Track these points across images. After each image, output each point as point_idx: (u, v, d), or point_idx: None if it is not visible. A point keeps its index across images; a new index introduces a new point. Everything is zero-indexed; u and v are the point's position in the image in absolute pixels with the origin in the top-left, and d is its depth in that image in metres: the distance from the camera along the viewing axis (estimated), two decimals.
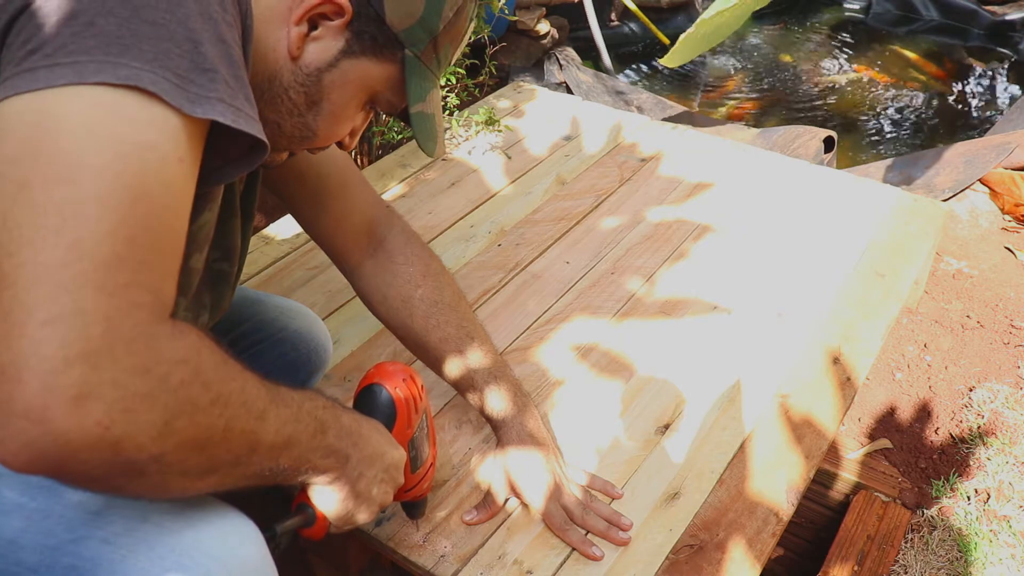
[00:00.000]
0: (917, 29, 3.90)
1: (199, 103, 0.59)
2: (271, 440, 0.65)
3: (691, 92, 3.42)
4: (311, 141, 0.83)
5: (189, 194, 0.60)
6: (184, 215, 0.60)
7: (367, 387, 0.90)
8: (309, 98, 0.78)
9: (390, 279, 1.10)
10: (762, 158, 1.96)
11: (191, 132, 0.59)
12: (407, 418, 0.90)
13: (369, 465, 0.79)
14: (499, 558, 1.06)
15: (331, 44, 0.77)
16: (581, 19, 3.25)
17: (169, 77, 0.57)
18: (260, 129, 0.64)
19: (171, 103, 0.57)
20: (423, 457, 0.96)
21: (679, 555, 1.08)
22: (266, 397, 0.65)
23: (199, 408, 0.57)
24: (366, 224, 1.10)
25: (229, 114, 0.60)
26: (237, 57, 0.64)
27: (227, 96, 0.61)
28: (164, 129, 0.57)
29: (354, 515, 0.81)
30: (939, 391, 1.74)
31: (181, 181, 0.59)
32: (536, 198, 1.82)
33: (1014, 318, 1.91)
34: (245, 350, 1.12)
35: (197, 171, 0.62)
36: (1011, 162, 2.31)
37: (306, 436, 0.70)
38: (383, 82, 0.81)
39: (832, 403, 1.32)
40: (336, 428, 0.74)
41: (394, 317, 1.11)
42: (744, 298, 1.52)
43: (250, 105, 0.64)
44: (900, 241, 1.68)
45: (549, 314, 1.49)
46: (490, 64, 2.12)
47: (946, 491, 1.52)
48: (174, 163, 0.57)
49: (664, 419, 1.28)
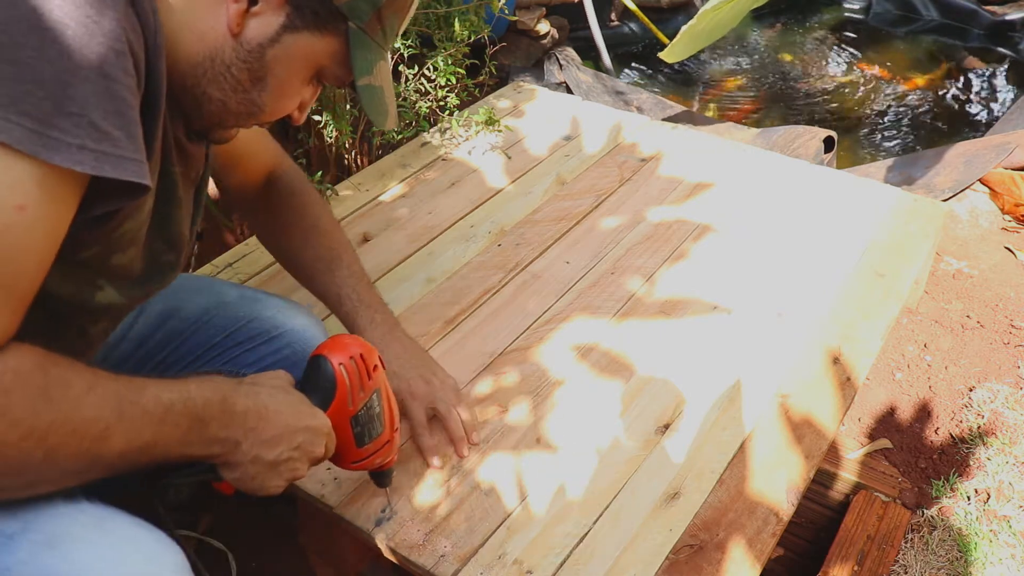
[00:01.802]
0: (917, 29, 3.90)
1: (58, 149, 0.60)
2: (120, 449, 0.67)
3: (691, 92, 3.42)
4: (258, 117, 0.83)
5: (38, 236, 0.62)
6: (29, 255, 0.62)
7: (314, 358, 0.91)
8: (253, 74, 0.79)
9: (278, 211, 1.17)
10: (762, 158, 1.96)
11: (48, 176, 0.60)
12: (348, 395, 0.90)
13: (270, 446, 0.81)
14: (499, 558, 1.06)
15: (272, 19, 0.77)
16: (581, 19, 3.25)
17: (25, 123, 0.58)
18: (133, 168, 0.65)
19: (23, 151, 0.58)
20: (373, 434, 0.95)
21: (679, 555, 1.08)
22: (110, 416, 0.66)
23: (7, 444, 0.59)
24: (266, 169, 1.17)
25: (90, 161, 0.61)
26: (122, 89, 0.64)
27: (91, 140, 0.61)
28: (3, 180, 0.58)
29: (257, 488, 0.83)
30: (939, 391, 1.74)
31: (22, 227, 0.60)
32: (536, 198, 1.82)
33: (1014, 318, 1.91)
34: (241, 347, 1.13)
35: (67, 209, 0.64)
36: (1011, 162, 2.31)
37: (175, 436, 0.72)
38: (328, 56, 0.82)
39: (832, 403, 1.32)
40: (222, 419, 0.77)
41: (279, 241, 1.19)
42: (744, 298, 1.52)
43: (130, 142, 0.64)
44: (900, 241, 1.68)
45: (549, 314, 1.49)
46: (490, 64, 2.12)
47: (946, 491, 1.52)
48: (10, 212, 0.59)
49: (664, 419, 1.28)
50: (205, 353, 1.11)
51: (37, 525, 0.71)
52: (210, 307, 1.14)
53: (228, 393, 0.78)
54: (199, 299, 1.14)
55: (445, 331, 1.45)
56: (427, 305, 1.51)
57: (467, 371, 1.36)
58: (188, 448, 0.74)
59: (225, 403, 0.77)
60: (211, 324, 1.12)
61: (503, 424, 1.26)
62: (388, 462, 1.01)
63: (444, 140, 2.02)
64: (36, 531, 0.70)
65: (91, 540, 0.71)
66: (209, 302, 1.14)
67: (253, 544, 1.37)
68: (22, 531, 0.70)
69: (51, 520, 0.72)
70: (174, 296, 1.12)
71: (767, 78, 3.48)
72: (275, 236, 1.20)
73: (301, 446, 0.84)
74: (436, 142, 2.01)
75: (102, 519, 0.74)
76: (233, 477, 0.81)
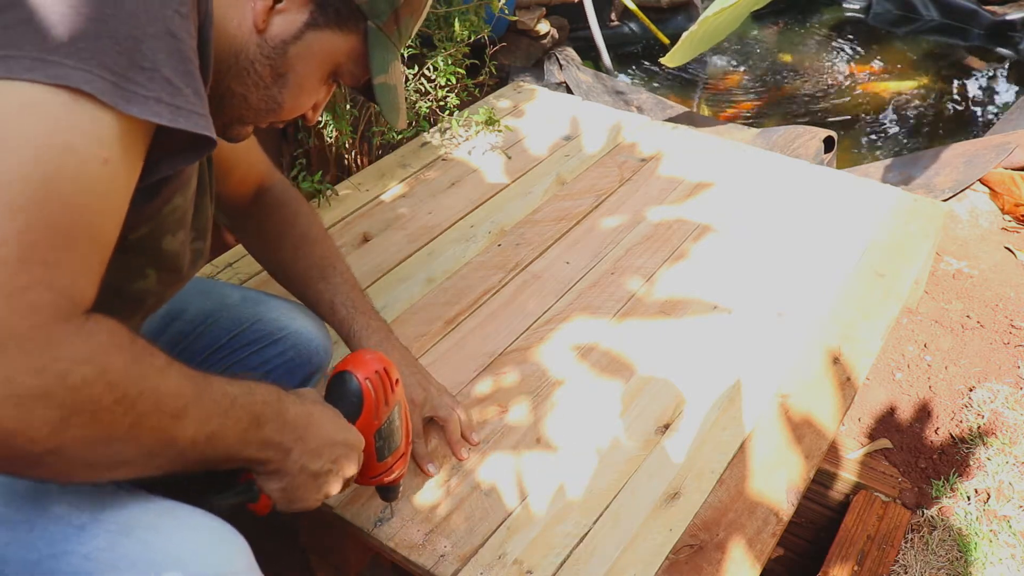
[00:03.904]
0: (917, 29, 3.90)
1: (135, 102, 0.59)
2: (191, 435, 0.66)
3: (691, 92, 3.42)
4: (277, 114, 0.84)
5: (118, 192, 0.61)
6: (110, 214, 0.61)
7: (339, 374, 0.91)
8: (275, 71, 0.80)
9: (269, 222, 1.17)
10: (762, 158, 1.96)
11: (126, 130, 0.60)
12: (374, 409, 0.91)
13: (315, 456, 0.81)
14: (499, 558, 1.06)
15: (296, 17, 0.79)
16: (581, 19, 3.25)
17: (105, 75, 0.58)
18: (204, 123, 0.65)
19: (105, 102, 0.58)
20: (392, 447, 0.96)
21: (679, 555, 1.08)
22: (189, 394, 0.66)
23: (102, 407, 0.58)
24: (256, 180, 1.17)
25: (167, 113, 0.61)
26: (187, 49, 0.64)
27: (166, 94, 0.61)
28: (89, 130, 0.58)
29: (298, 500, 0.83)
30: (939, 391, 1.74)
31: (106, 181, 0.60)
32: (536, 198, 1.82)
33: (1014, 318, 1.91)
34: (246, 350, 1.13)
35: (136, 167, 0.63)
36: (1011, 162, 2.31)
37: (236, 431, 0.71)
38: (346, 54, 0.83)
39: (832, 403, 1.32)
40: (277, 422, 0.76)
41: (270, 251, 1.18)
42: (744, 298, 1.52)
43: (198, 99, 0.65)
44: (900, 241, 1.68)
45: (549, 314, 1.49)
46: (490, 64, 2.12)
47: (946, 491, 1.52)
48: (96, 164, 0.58)
49: (664, 419, 1.28)
50: (211, 355, 1.11)
51: (107, 515, 0.72)
52: (214, 309, 1.14)
53: (282, 397, 0.78)
54: (202, 301, 1.15)
55: (445, 331, 1.45)
56: (427, 305, 1.51)
57: (467, 371, 1.36)
58: (245, 448, 0.73)
59: (280, 405, 0.77)
60: (216, 326, 1.13)
61: (503, 424, 1.26)
62: (401, 475, 1.01)
63: (444, 140, 2.02)
64: (108, 520, 0.72)
65: (163, 527, 0.73)
66: (213, 304, 1.15)
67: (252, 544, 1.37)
68: (93, 521, 0.71)
69: (120, 510, 0.73)
70: (177, 298, 1.12)
71: (767, 78, 3.48)
72: (265, 246, 1.19)
73: (338, 459, 0.84)
74: (436, 142, 2.02)
75: (170, 508, 0.76)
76: (278, 488, 0.80)
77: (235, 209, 1.18)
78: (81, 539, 0.70)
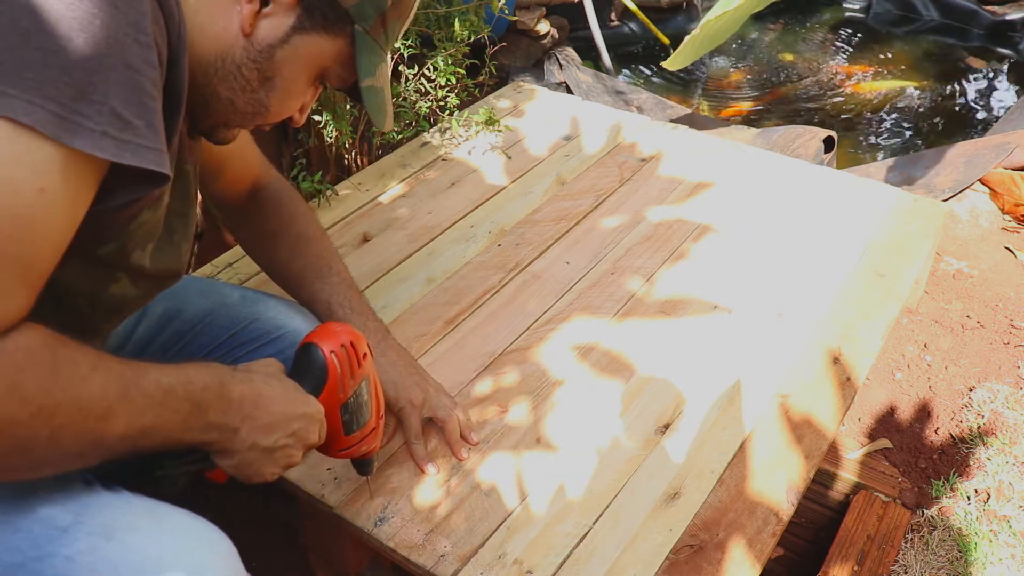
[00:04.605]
0: (917, 29, 3.90)
1: (79, 135, 0.60)
2: (120, 432, 0.67)
3: (691, 92, 3.42)
4: (263, 117, 0.85)
5: (55, 219, 0.63)
6: (45, 240, 0.62)
7: (304, 346, 0.91)
8: (262, 74, 0.81)
9: (265, 221, 1.17)
10: (762, 158, 1.96)
11: (69, 161, 0.61)
12: (339, 383, 0.90)
13: (267, 432, 0.81)
14: (499, 558, 1.06)
15: (283, 20, 0.79)
16: (581, 19, 3.25)
17: (48, 106, 0.59)
18: (153, 157, 0.66)
19: (44, 133, 0.59)
20: (361, 422, 0.96)
21: (679, 555, 1.08)
22: (115, 394, 0.67)
23: (16, 422, 0.60)
24: (251, 178, 1.17)
25: (111, 147, 0.62)
26: (144, 80, 0.65)
27: (113, 128, 0.62)
28: (25, 161, 0.59)
29: (254, 475, 0.84)
30: (939, 391, 1.74)
31: (41, 209, 0.61)
32: (536, 198, 1.82)
33: (1014, 318, 1.91)
34: (244, 348, 1.13)
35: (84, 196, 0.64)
36: (1011, 162, 2.31)
37: (175, 420, 0.72)
38: (333, 57, 0.84)
39: (832, 403, 1.32)
40: (220, 405, 0.77)
41: (266, 250, 1.18)
42: (744, 298, 1.52)
43: (151, 132, 0.65)
44: (900, 241, 1.68)
45: (549, 314, 1.49)
46: (490, 64, 2.12)
47: (946, 491, 1.52)
48: (31, 194, 0.60)
49: (664, 419, 1.28)
50: (209, 354, 1.12)
51: (89, 517, 0.72)
52: (212, 308, 1.14)
53: (225, 379, 0.79)
54: (201, 301, 1.15)
55: (445, 331, 1.45)
56: (427, 305, 1.51)
57: (467, 371, 1.36)
58: (187, 434, 0.74)
59: (223, 388, 0.78)
60: (214, 325, 1.13)
61: (503, 424, 1.26)
62: (372, 449, 1.01)
63: (444, 140, 2.02)
64: (89, 523, 0.72)
65: (146, 529, 0.73)
66: (211, 304, 1.15)
67: (252, 544, 1.37)
68: (75, 523, 0.72)
69: (102, 511, 0.73)
70: (175, 298, 1.13)
71: (767, 78, 3.48)
72: (262, 245, 1.19)
73: (296, 433, 0.85)
74: (436, 142, 2.02)
75: (152, 509, 0.76)
76: (229, 464, 0.81)
77: (231, 207, 1.18)
78: (64, 541, 0.71)
